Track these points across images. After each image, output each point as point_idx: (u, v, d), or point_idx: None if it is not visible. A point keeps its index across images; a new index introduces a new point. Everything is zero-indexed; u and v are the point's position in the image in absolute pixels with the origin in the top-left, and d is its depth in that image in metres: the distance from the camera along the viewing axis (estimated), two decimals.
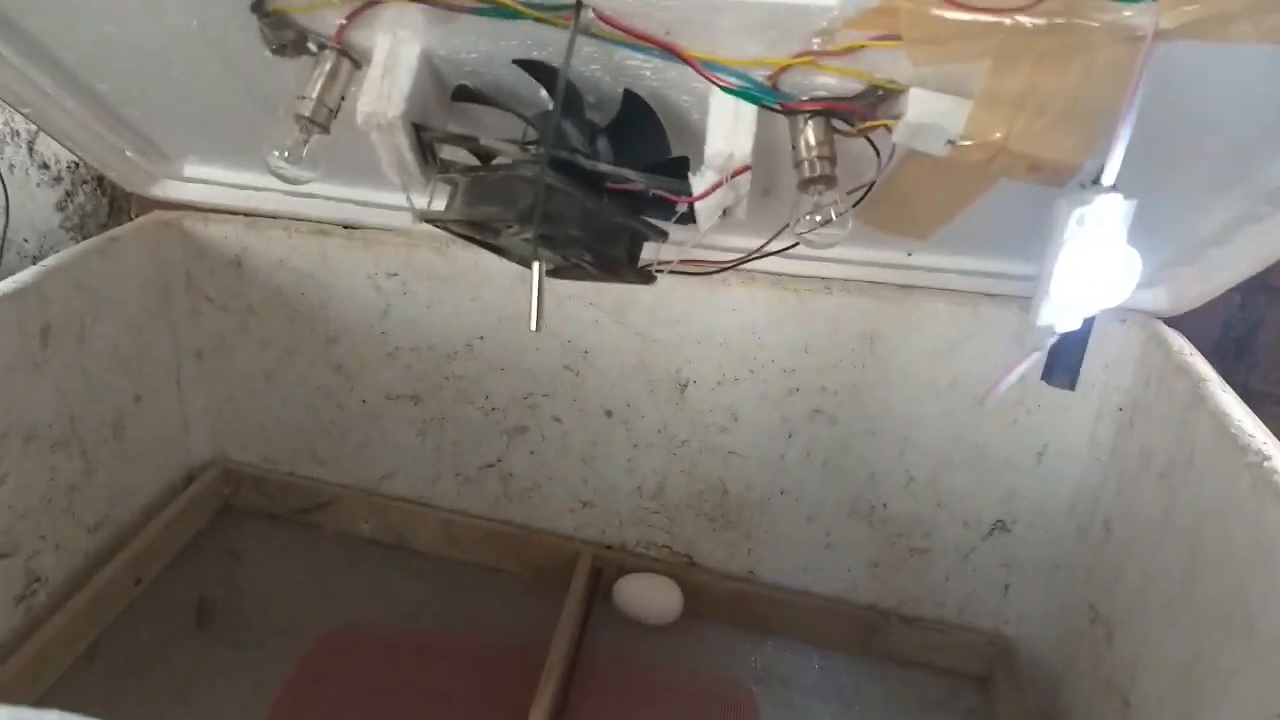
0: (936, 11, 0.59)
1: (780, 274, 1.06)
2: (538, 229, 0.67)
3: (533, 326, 0.66)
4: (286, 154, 0.74)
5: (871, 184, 0.78)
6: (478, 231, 0.79)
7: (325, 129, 0.75)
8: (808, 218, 0.71)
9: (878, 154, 0.75)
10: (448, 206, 0.78)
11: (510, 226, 0.75)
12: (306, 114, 0.74)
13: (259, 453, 1.31)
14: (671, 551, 1.23)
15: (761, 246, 0.84)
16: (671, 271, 0.81)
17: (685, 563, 1.23)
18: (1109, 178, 0.61)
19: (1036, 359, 0.74)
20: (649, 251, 0.82)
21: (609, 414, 1.16)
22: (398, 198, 1.07)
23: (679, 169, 0.77)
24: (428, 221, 0.79)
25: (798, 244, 0.77)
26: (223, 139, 1.03)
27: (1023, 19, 0.58)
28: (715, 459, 1.16)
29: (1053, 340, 0.72)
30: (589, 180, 0.73)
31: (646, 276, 0.78)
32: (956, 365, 1.05)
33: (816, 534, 1.17)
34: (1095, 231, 0.63)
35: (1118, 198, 0.62)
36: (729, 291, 1.06)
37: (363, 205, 1.10)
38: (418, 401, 1.21)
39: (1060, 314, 0.68)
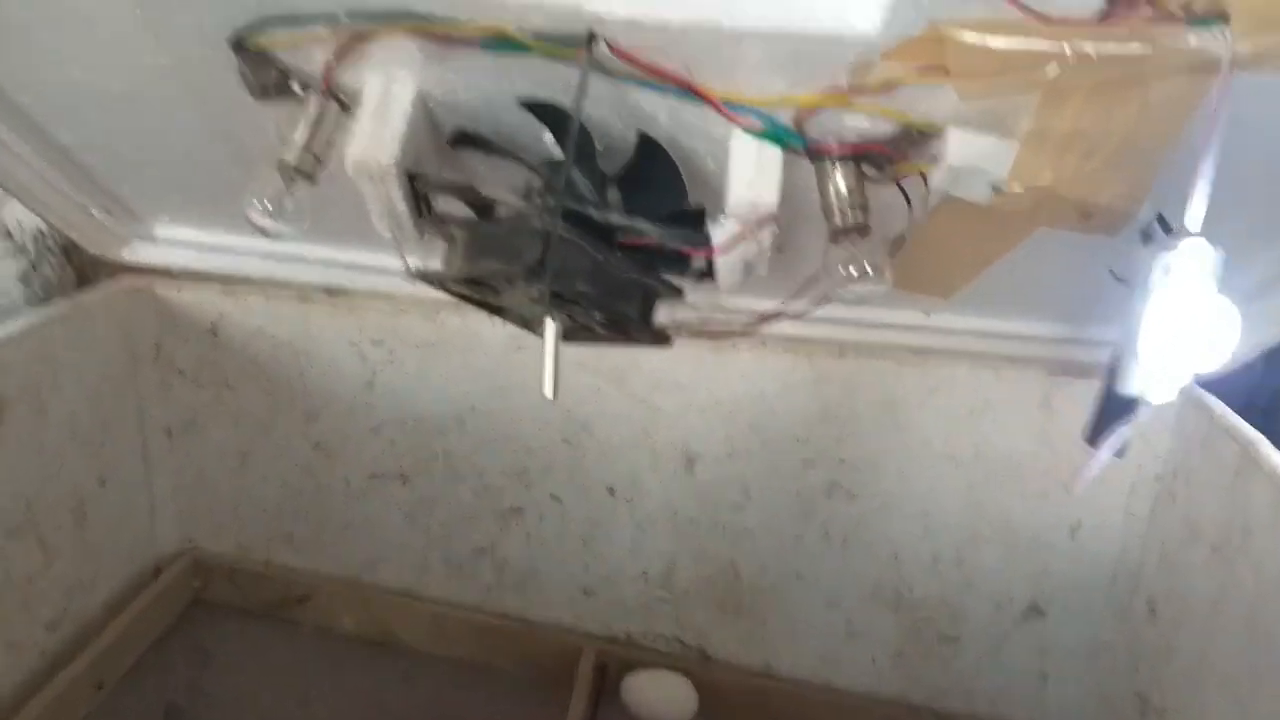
0: (987, 40, 0.54)
1: (792, 338, 0.99)
2: (550, 285, 0.60)
3: (547, 393, 0.59)
4: (268, 206, 0.68)
5: (902, 236, 0.72)
6: (477, 290, 0.73)
7: (311, 178, 0.69)
8: (841, 271, 0.65)
9: (908, 202, 0.69)
10: (445, 263, 0.72)
11: (513, 283, 0.69)
12: (291, 161, 0.67)
13: (232, 540, 1.21)
14: (682, 644, 1.13)
15: (786, 302, 0.78)
16: (690, 334, 0.75)
17: (698, 656, 1.13)
18: (1193, 223, 0.55)
19: (1127, 436, 0.67)
20: (663, 312, 0.75)
21: (611, 491, 1.08)
22: (384, 259, 1.02)
23: (695, 221, 0.72)
24: (423, 280, 0.73)
25: (826, 301, 0.71)
26: (197, 195, 0.96)
27: (1086, 45, 0.53)
28: (726, 539, 1.08)
29: (1146, 413, 0.64)
30: (599, 233, 0.67)
31: (661, 338, 0.72)
32: (979, 433, 0.98)
33: (837, 621, 1.08)
34: (1183, 284, 0.57)
35: (1203, 244, 0.57)
36: (737, 356, 1.00)
37: (347, 268, 1.03)
38: (405, 481, 1.13)
39: (1152, 381, 0.61)
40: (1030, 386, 0.96)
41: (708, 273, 0.71)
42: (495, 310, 0.78)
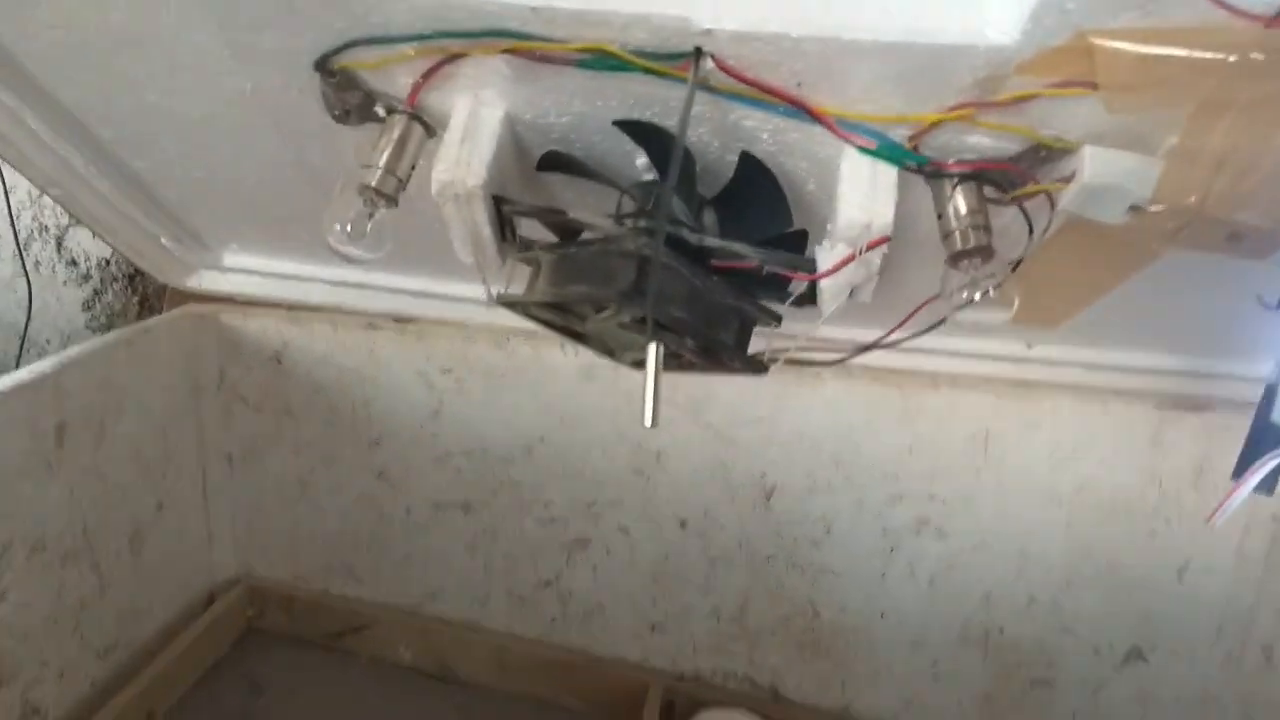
0: (1143, 49, 0.49)
1: (881, 368, 0.94)
2: (652, 309, 0.56)
3: (647, 421, 0.55)
4: (349, 229, 0.64)
5: (1018, 261, 0.67)
6: (560, 316, 0.69)
7: (393, 201, 0.65)
8: (962, 297, 0.60)
9: (1029, 225, 0.64)
10: (529, 288, 0.68)
11: (601, 310, 0.65)
12: (373, 184, 0.64)
13: (288, 569, 1.18)
14: (753, 684, 1.08)
15: (894, 329, 0.73)
16: (788, 361, 0.70)
17: (770, 696, 1.08)
18: None
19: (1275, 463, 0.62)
20: (757, 340, 0.71)
21: (683, 524, 1.04)
22: (456, 287, 0.98)
23: (797, 244, 0.67)
24: (505, 305, 0.69)
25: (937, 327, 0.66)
26: (269, 222, 0.94)
27: (1253, 53, 0.48)
28: (805, 577, 1.02)
29: None
30: (695, 256, 0.63)
31: (756, 366, 0.67)
32: (1082, 469, 0.92)
33: (922, 663, 1.03)
34: None
35: None
36: (822, 387, 0.95)
37: (416, 295, 1.00)
38: (468, 511, 1.09)
39: None
40: (1139, 421, 0.90)
41: (809, 298, 0.67)
42: (576, 337, 0.73)
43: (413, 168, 0.67)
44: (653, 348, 0.55)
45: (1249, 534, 0.91)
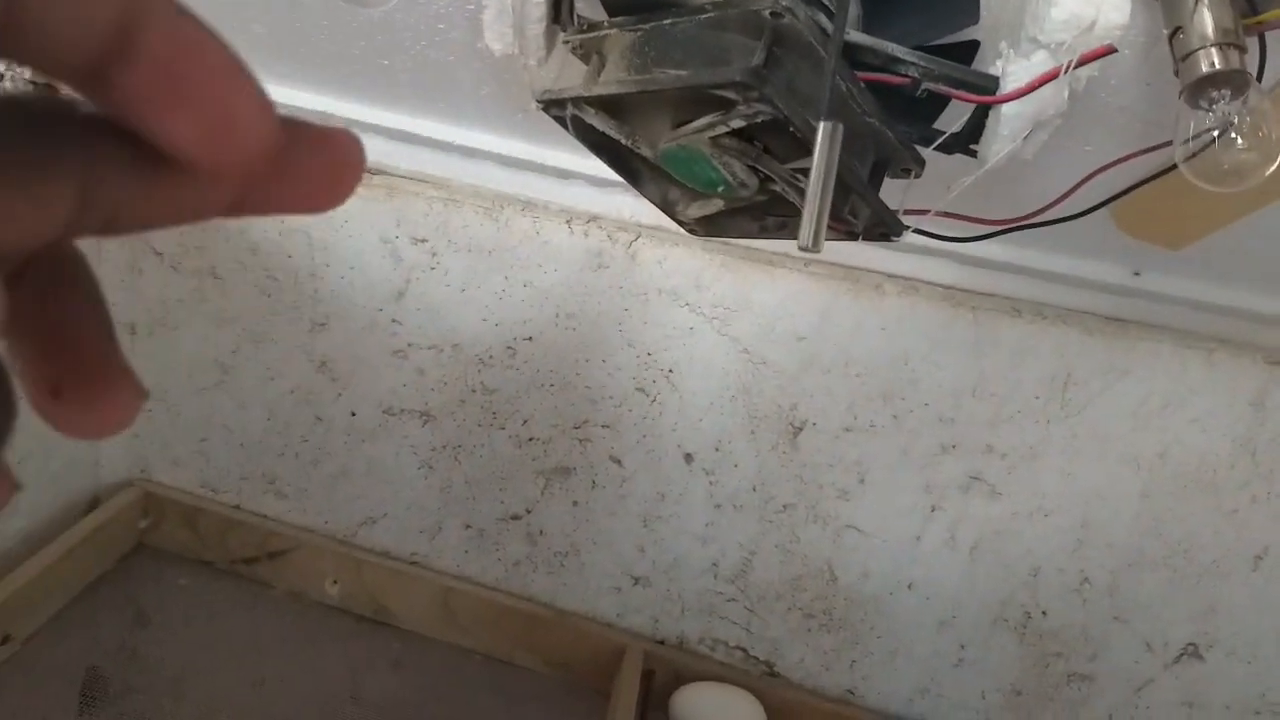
0: None
1: (953, 286, 0.79)
2: (777, 98, 0.38)
3: (805, 240, 0.37)
4: None
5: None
6: (623, 130, 0.51)
7: None
8: (1207, 138, 0.44)
9: (1262, 60, 0.49)
10: (591, 78, 0.50)
11: (689, 120, 0.47)
12: None
13: (195, 474, 0.97)
14: (747, 655, 0.92)
15: (1070, 193, 0.57)
16: (917, 231, 0.53)
17: (764, 672, 0.92)
18: None
19: None
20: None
21: (689, 458, 0.87)
22: (443, 129, 0.79)
23: (960, 58, 0.50)
24: (548, 108, 0.50)
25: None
26: (223, 15, 0.73)
27: None
28: (826, 533, 0.86)
29: None
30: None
31: (890, 224, 0.50)
32: (1171, 429, 0.79)
33: (947, 645, 0.88)
34: None
35: None
36: (881, 302, 0.79)
37: (391, 137, 0.81)
38: (427, 421, 0.90)
39: None
40: (1244, 377, 0.77)
41: (963, 143, 0.50)
42: (630, 171, 0.55)
43: None
44: (828, 127, 0.37)
45: None
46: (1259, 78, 0.49)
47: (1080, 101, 0.58)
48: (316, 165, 0.16)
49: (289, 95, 0.80)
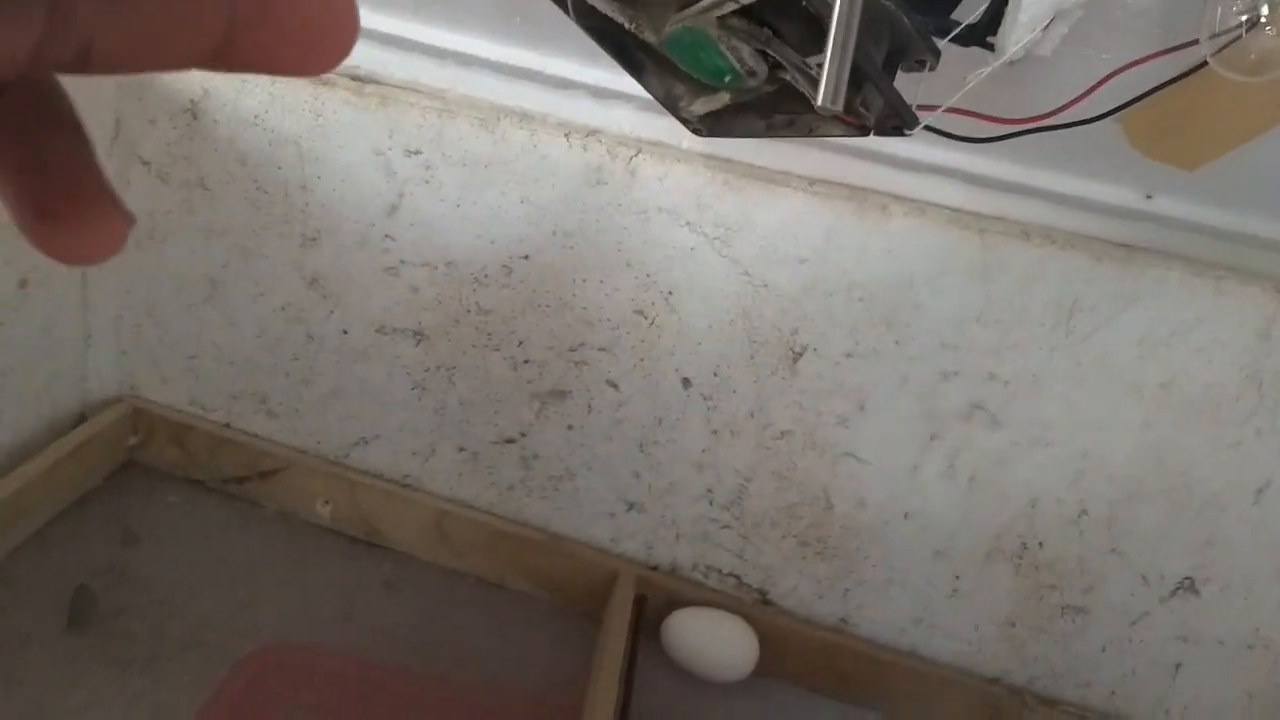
0: None
1: (960, 209, 0.77)
2: None
3: (821, 98, 0.35)
4: None
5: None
6: (629, 12, 0.48)
7: None
8: (1236, 28, 0.42)
9: None
10: None
11: (690, 3, 0.44)
12: None
13: (184, 391, 0.95)
14: (740, 582, 0.91)
15: (1089, 92, 0.54)
16: (929, 129, 0.51)
17: (757, 600, 0.91)
18: None
19: None
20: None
21: (686, 383, 0.85)
22: (438, 34, 0.77)
23: None
24: None
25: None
26: None
27: None
28: (823, 460, 0.85)
29: None
30: None
31: (904, 116, 0.48)
32: (1176, 359, 0.78)
33: (941, 576, 0.88)
34: None
35: None
36: (887, 224, 0.77)
37: (386, 43, 0.79)
38: (421, 340, 0.88)
39: None
40: (1252, 306, 0.75)
41: (981, 34, 0.48)
42: (633, 62, 0.53)
43: None
44: None
45: None
46: None
47: (1099, 6, 0.56)
48: (306, 14, 0.16)
49: None
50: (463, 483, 0.92)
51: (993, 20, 0.47)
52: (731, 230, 0.80)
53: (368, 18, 0.78)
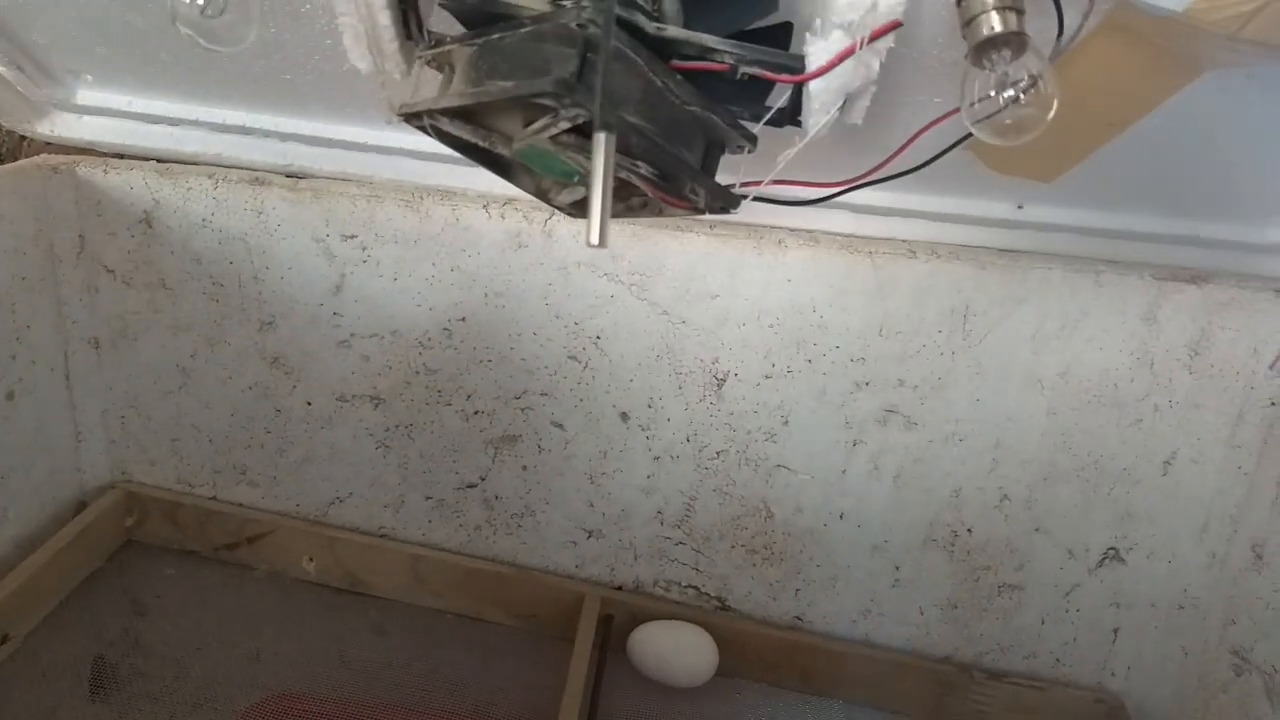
0: None
1: (851, 235, 0.84)
2: (600, 90, 0.43)
3: (592, 239, 0.42)
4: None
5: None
6: (480, 134, 0.55)
7: None
8: (991, 98, 0.48)
9: (1060, 20, 0.52)
10: (443, 89, 0.54)
11: (532, 120, 0.51)
12: None
13: (172, 472, 1.03)
14: (699, 593, 0.98)
15: (900, 150, 0.61)
16: (756, 199, 0.58)
17: (716, 607, 0.98)
18: None
19: None
20: (723, 174, 0.58)
21: (624, 417, 0.92)
22: (357, 131, 0.84)
23: (780, 39, 0.55)
24: (408, 119, 0.55)
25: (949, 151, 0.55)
26: (129, 43, 0.77)
27: None
28: (758, 474, 0.92)
29: None
30: (654, 51, 0.50)
31: (727, 198, 0.55)
32: (1069, 350, 0.83)
33: (882, 568, 0.94)
34: None
35: None
36: (784, 256, 0.83)
37: (311, 143, 0.85)
38: (379, 404, 0.96)
39: None
40: (1133, 294, 0.81)
41: (792, 115, 0.55)
42: (500, 168, 0.60)
43: None
44: (601, 138, 0.42)
45: (1242, 422, 0.83)
46: (1059, 33, 0.53)
47: (917, 59, 0.62)
48: None
49: (207, 112, 0.85)
50: (433, 528, 1.00)
51: (796, 105, 0.53)
52: (646, 276, 0.86)
53: (292, 123, 0.85)
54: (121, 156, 0.91)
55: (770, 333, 0.86)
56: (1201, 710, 0.87)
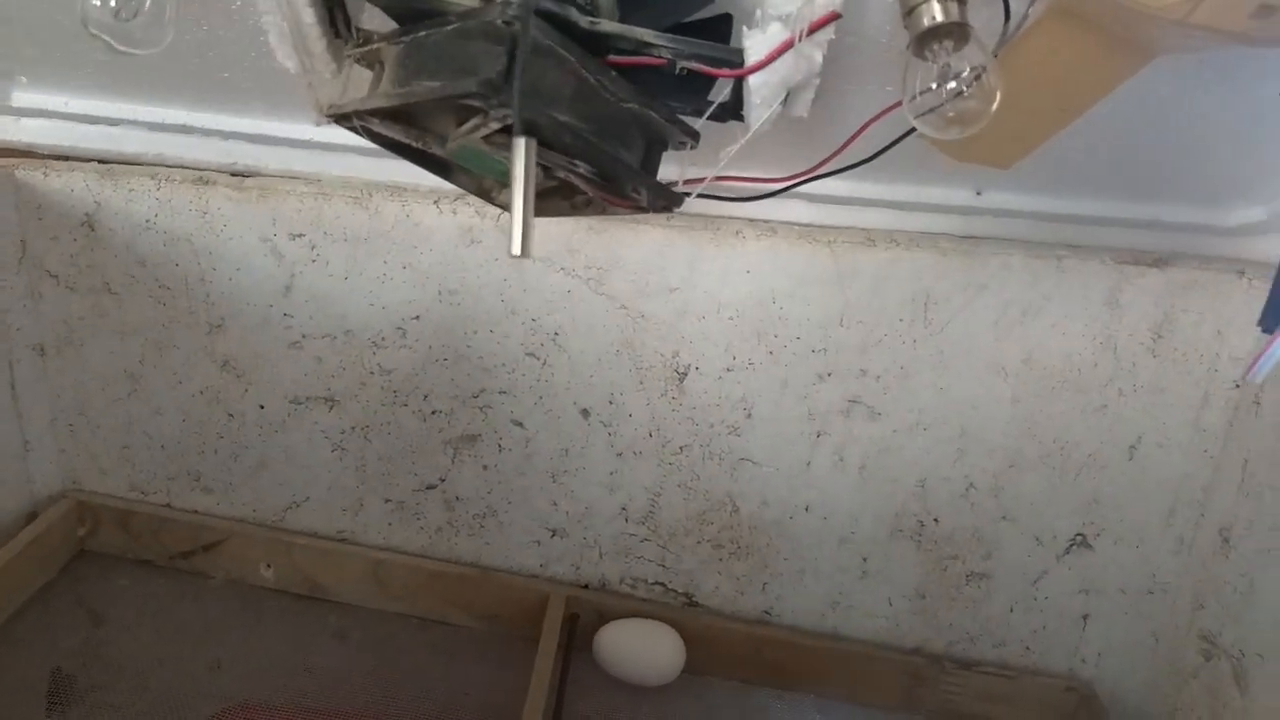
0: None
1: (809, 224, 0.82)
2: (519, 105, 0.41)
3: (514, 249, 0.40)
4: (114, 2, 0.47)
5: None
6: (413, 135, 0.53)
7: None
8: (933, 90, 0.46)
9: (1006, 5, 0.51)
10: (370, 93, 0.52)
11: (465, 120, 0.49)
12: None
13: (124, 480, 1.01)
14: (666, 589, 0.97)
15: (845, 147, 0.59)
16: (701, 196, 0.56)
17: (684, 603, 0.97)
18: None
19: None
20: (669, 168, 0.56)
21: (585, 414, 0.90)
22: (303, 129, 0.81)
23: (719, 32, 0.53)
24: (337, 120, 0.53)
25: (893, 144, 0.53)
26: (59, 43, 0.74)
27: None
28: (722, 468, 0.91)
29: None
30: (588, 47, 0.48)
31: (669, 197, 0.53)
32: (1032, 336, 0.82)
33: (849, 560, 0.93)
34: None
35: None
36: (743, 247, 0.82)
37: (254, 141, 0.83)
38: (333, 406, 0.94)
39: None
40: (1095, 279, 0.80)
41: (734, 110, 0.53)
42: (438, 168, 0.58)
43: None
44: (521, 144, 0.40)
45: (1207, 405, 0.83)
46: (1006, 18, 0.52)
47: (863, 49, 0.60)
48: None
49: (147, 112, 0.82)
50: (393, 531, 0.98)
51: (738, 99, 0.52)
52: (603, 270, 0.84)
53: (233, 121, 0.82)
54: (61, 158, 0.88)
55: (730, 325, 0.85)
56: (1173, 696, 0.87)
